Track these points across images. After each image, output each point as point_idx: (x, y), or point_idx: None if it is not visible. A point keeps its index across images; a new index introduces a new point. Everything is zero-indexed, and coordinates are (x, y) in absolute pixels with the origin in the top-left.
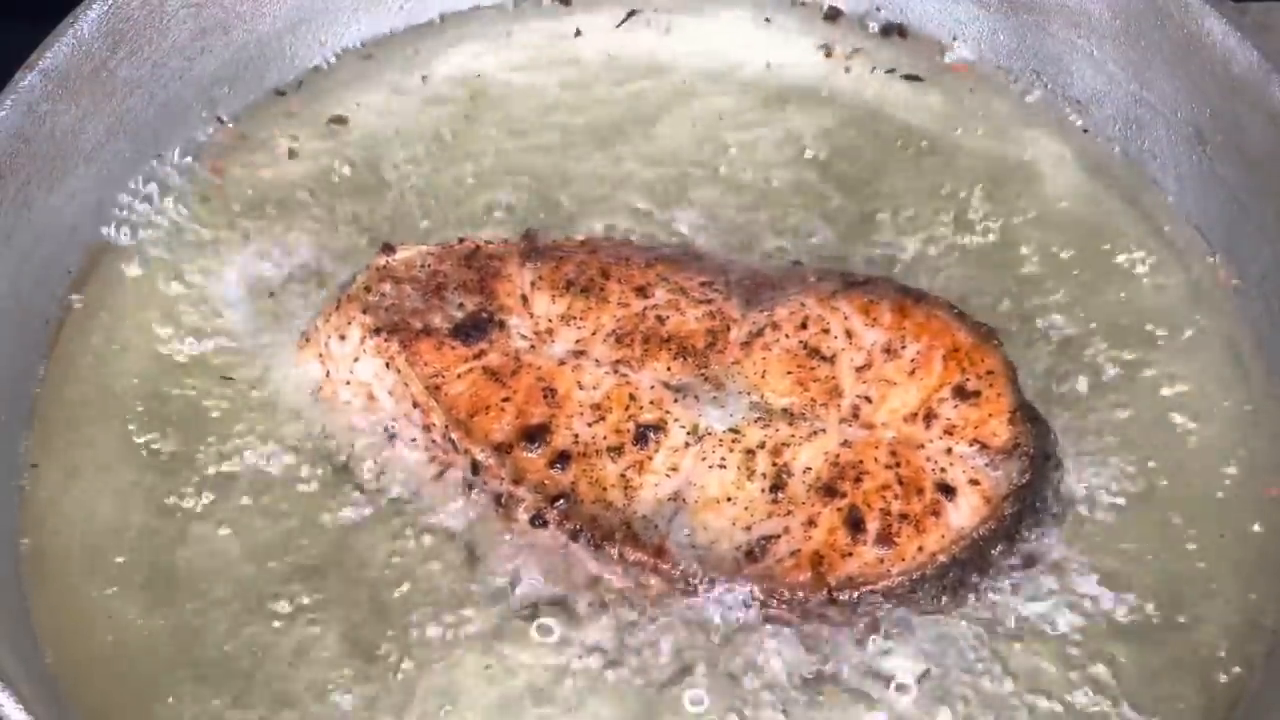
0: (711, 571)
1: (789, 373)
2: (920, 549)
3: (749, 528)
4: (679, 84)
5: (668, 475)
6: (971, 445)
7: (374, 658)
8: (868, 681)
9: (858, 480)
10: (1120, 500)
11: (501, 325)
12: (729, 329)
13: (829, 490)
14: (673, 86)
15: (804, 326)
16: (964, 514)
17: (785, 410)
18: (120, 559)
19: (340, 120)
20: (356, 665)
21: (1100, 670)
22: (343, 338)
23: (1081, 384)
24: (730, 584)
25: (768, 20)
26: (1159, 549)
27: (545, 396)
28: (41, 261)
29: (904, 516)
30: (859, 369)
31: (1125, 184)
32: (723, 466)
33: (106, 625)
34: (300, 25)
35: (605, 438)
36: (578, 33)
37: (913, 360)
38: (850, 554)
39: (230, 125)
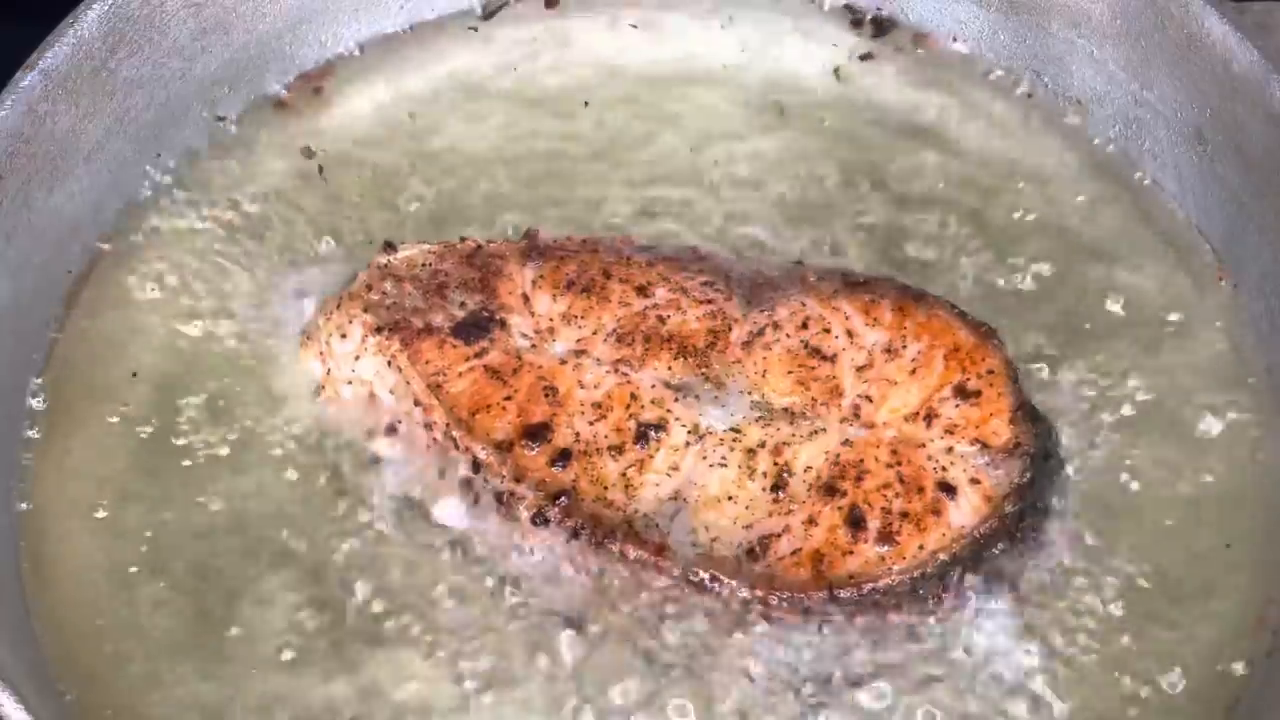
0: (712, 570)
1: (790, 372)
2: (921, 547)
3: (750, 526)
4: (680, 86)
5: (669, 474)
6: (972, 444)
7: (374, 657)
8: (868, 679)
9: (859, 479)
10: (1119, 500)
11: (503, 324)
12: (730, 328)
13: (830, 489)
14: (674, 88)
15: (805, 326)
16: (965, 513)
17: (786, 409)
18: (120, 558)
19: (340, 120)
20: (356, 663)
21: (1098, 671)
22: (344, 336)
23: (1079, 384)
24: (731, 582)
25: (766, 22)
26: (1158, 549)
27: (546, 395)
28: (41, 261)
29: (905, 515)
30: (860, 368)
31: (1125, 184)
32: (724, 465)
33: (106, 624)
34: (300, 25)
35: (606, 436)
36: (576, 34)
37: (913, 360)
38: (851, 552)
39: (230, 125)
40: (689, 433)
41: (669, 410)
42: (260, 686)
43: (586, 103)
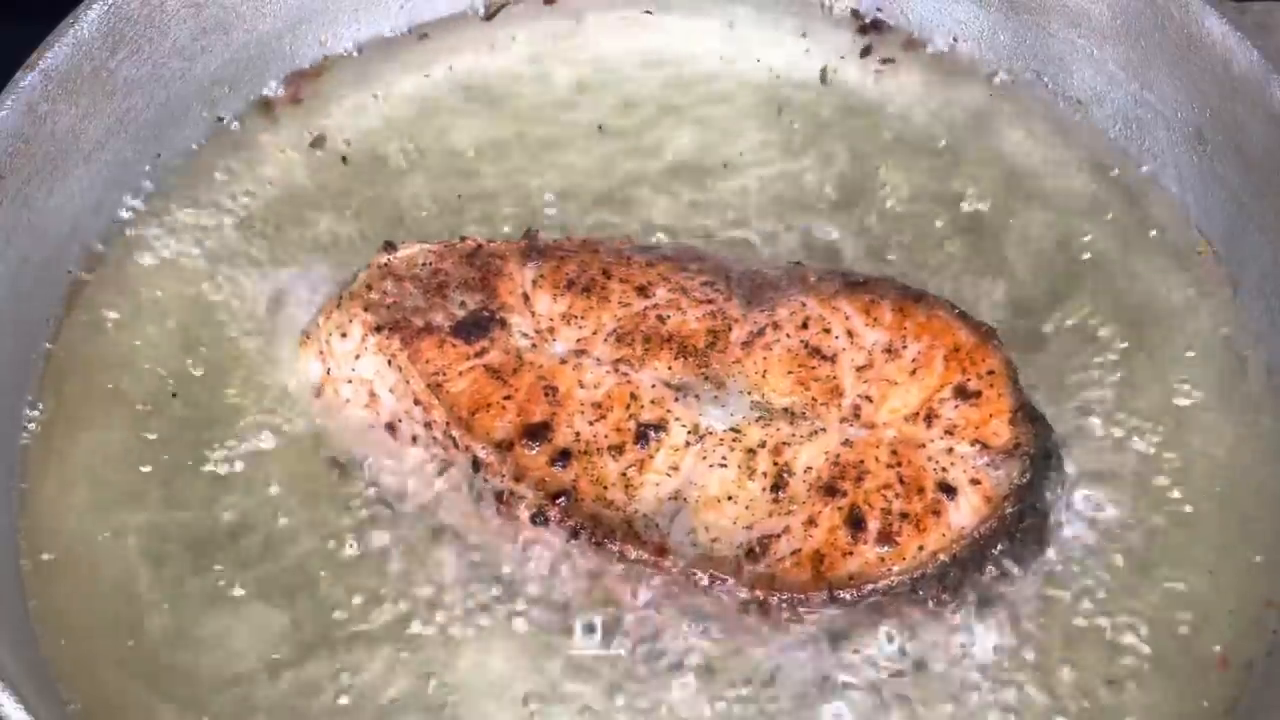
0: (712, 570)
1: (790, 372)
2: (921, 548)
3: (750, 527)
4: (681, 86)
5: (669, 474)
6: (972, 445)
7: (373, 659)
8: (866, 679)
9: (858, 479)
10: (1119, 499)
11: (503, 324)
12: (730, 328)
13: (830, 489)
14: (675, 88)
15: (805, 326)
16: (965, 513)
17: (786, 410)
18: (120, 559)
19: (341, 120)
20: (355, 665)
21: (1099, 669)
22: (344, 335)
23: (1078, 384)
24: (731, 583)
25: (768, 23)
26: (1158, 548)
27: (546, 395)
28: (41, 261)
29: (905, 516)
30: (860, 369)
31: (1125, 184)
32: (723, 466)
33: (106, 625)
34: (300, 25)
35: (606, 436)
36: (577, 29)
37: (914, 360)
38: (851, 553)
39: (230, 125)
40: (689, 433)
41: (669, 410)
42: (262, 686)
43: (601, 126)
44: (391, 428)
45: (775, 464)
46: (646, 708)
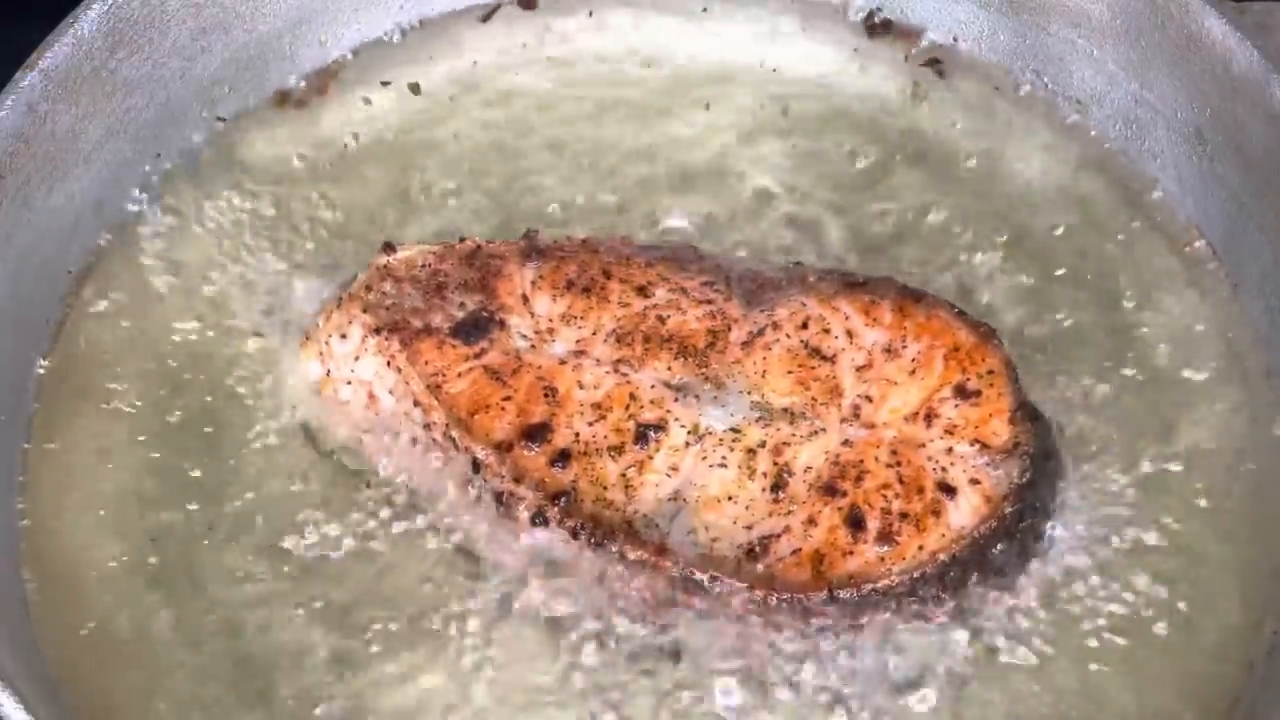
0: (712, 570)
1: (790, 372)
2: (921, 548)
3: (750, 527)
4: (680, 87)
5: (668, 474)
6: (972, 445)
7: (371, 658)
8: (866, 679)
9: (858, 479)
10: (1117, 501)
11: (502, 324)
12: (730, 329)
13: (830, 489)
14: (674, 89)
15: (805, 326)
16: (964, 513)
17: (786, 410)
18: (121, 559)
19: (339, 120)
20: (355, 664)
21: (1098, 672)
22: (344, 336)
23: (1079, 385)
24: (731, 583)
25: (765, 20)
26: (1157, 549)
27: (546, 396)
28: (41, 261)
29: (904, 516)
30: (860, 368)
31: (1125, 184)
32: (723, 466)
33: (107, 624)
34: (300, 25)
35: (606, 437)
36: (574, 33)
37: (913, 360)
38: (851, 553)
39: (230, 125)
40: (689, 433)
41: (669, 410)
42: (260, 687)
43: (590, 102)
44: (391, 428)
45: (775, 464)
46: (645, 707)
